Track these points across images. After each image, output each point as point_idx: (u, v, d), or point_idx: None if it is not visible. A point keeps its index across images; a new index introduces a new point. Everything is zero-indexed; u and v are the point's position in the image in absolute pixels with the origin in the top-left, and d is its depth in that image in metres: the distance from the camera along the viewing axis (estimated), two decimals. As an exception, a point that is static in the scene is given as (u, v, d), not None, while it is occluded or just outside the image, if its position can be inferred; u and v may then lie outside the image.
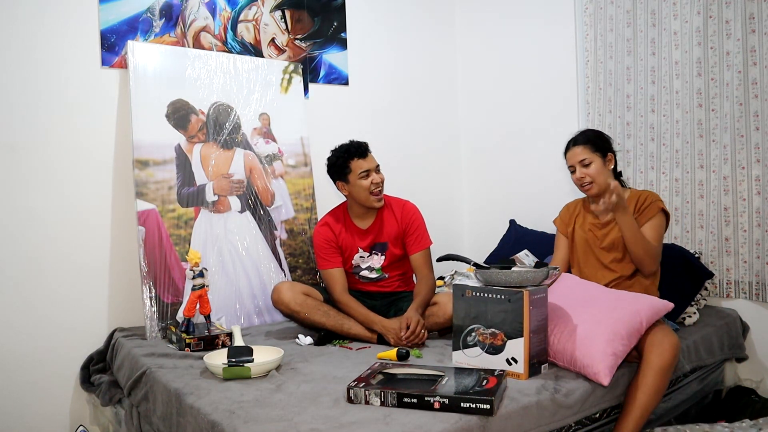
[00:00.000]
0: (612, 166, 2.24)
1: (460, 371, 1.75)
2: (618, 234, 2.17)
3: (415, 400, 1.57)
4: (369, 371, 1.76)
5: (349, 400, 1.63)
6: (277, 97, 2.93)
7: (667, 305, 1.91)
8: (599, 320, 1.84)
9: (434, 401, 1.56)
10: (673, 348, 1.83)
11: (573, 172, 2.24)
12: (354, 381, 1.67)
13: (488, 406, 1.53)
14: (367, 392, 1.61)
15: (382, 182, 2.47)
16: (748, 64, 2.48)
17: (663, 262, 2.54)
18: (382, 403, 1.60)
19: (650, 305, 1.90)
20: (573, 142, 2.26)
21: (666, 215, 2.18)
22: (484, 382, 1.64)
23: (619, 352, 1.79)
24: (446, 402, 1.55)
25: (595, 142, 2.22)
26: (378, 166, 2.47)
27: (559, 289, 2.05)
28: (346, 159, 2.42)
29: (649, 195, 2.19)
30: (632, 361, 1.92)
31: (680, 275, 2.49)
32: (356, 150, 2.42)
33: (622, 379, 1.84)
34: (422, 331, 2.21)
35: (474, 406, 1.54)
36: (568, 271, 2.35)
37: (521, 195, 3.41)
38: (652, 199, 2.17)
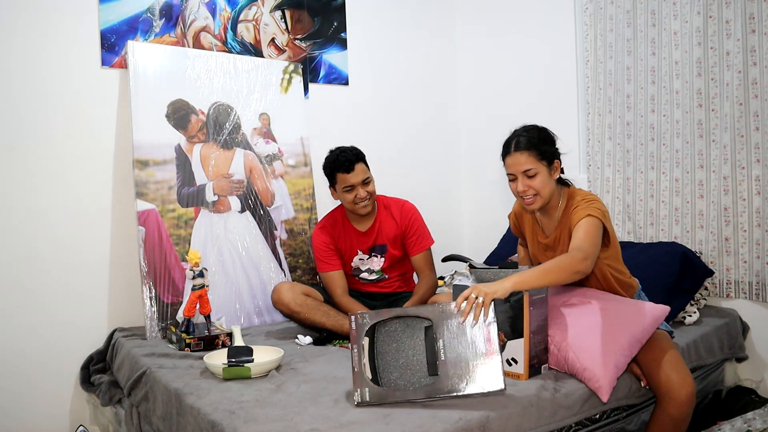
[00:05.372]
0: (558, 175, 1.95)
1: (448, 330, 1.64)
2: (552, 246, 1.98)
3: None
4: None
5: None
6: (277, 97, 2.93)
7: (665, 310, 1.88)
8: (600, 330, 1.81)
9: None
10: (690, 398, 1.77)
11: (512, 180, 1.94)
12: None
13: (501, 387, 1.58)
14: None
15: (371, 194, 2.44)
16: (748, 64, 2.48)
17: (663, 259, 2.55)
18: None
19: (650, 314, 1.86)
20: (515, 146, 1.91)
21: (602, 218, 1.87)
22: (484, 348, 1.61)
23: (620, 364, 1.77)
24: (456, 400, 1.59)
25: (540, 148, 1.90)
26: (366, 178, 2.42)
27: (555, 296, 2.01)
28: (332, 170, 2.42)
29: (580, 202, 1.90)
30: (630, 372, 1.90)
31: (680, 272, 2.49)
32: (341, 164, 2.38)
33: (622, 383, 1.84)
34: None
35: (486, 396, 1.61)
36: None
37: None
38: (573, 210, 1.90)
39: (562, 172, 2.01)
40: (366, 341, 1.68)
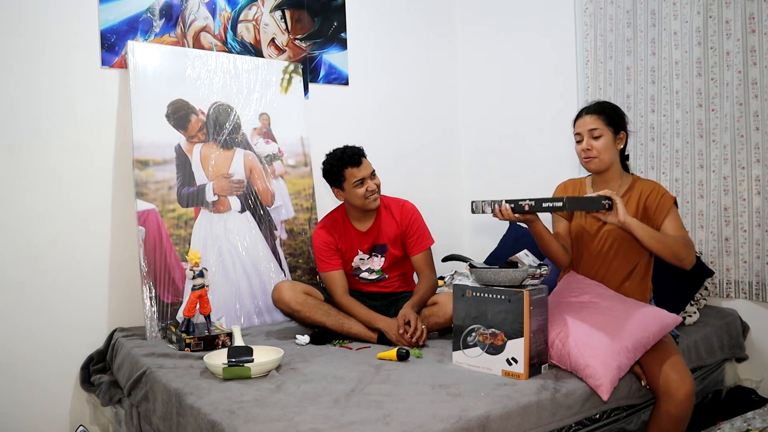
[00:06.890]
0: (621, 146, 2.09)
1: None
2: (614, 227, 2.03)
3: (533, 203, 1.89)
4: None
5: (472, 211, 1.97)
6: (277, 97, 2.93)
7: (676, 319, 1.88)
8: (607, 330, 1.81)
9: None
10: (689, 397, 1.78)
11: (579, 141, 2.08)
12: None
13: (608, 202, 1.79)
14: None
15: (378, 187, 2.44)
16: (748, 64, 2.48)
17: (662, 259, 2.55)
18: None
19: (660, 320, 1.85)
20: (586, 111, 2.09)
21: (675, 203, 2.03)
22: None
23: (623, 366, 1.77)
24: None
25: (609, 115, 2.05)
26: (373, 171, 2.43)
27: (567, 290, 2.03)
28: (339, 167, 2.39)
29: (653, 190, 2.04)
30: (631, 371, 1.91)
31: (681, 273, 2.48)
32: (350, 158, 2.37)
33: (622, 383, 1.84)
34: (421, 327, 2.21)
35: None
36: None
37: (521, 195, 3.40)
38: (659, 193, 2.02)
39: (626, 154, 2.15)
40: None
